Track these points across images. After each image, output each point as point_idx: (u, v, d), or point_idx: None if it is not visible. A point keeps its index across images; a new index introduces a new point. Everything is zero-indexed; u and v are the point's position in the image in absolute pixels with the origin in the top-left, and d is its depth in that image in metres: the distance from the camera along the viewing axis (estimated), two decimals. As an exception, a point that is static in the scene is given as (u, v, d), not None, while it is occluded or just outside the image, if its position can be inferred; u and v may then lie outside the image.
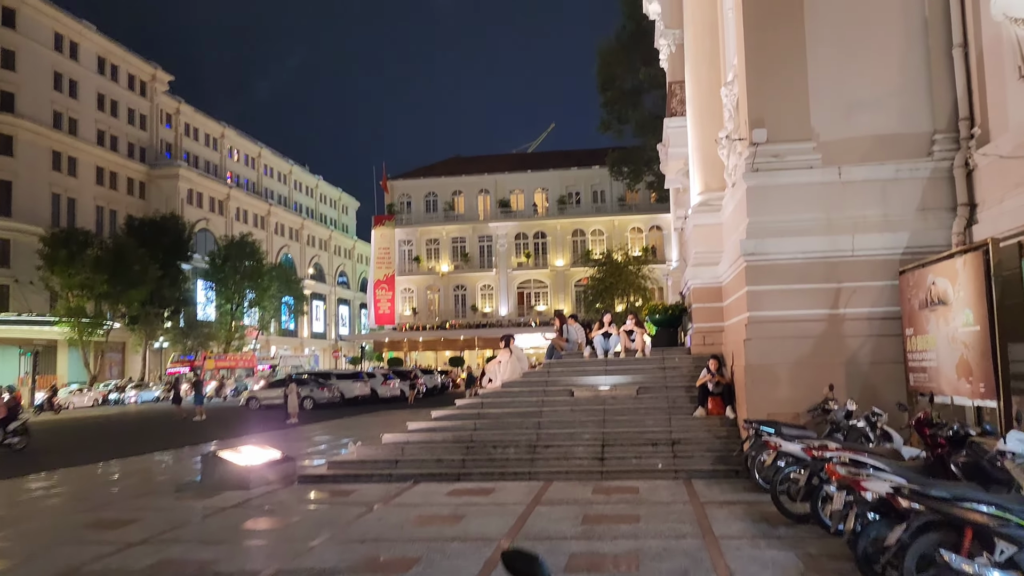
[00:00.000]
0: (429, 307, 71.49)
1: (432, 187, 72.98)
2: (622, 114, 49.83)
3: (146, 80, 71.73)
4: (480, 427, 12.84)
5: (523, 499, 9.96)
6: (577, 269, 69.13)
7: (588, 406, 13.07)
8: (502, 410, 13.38)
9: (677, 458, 11.45)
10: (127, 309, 54.48)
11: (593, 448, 11.86)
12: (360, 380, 38.12)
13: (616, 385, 13.52)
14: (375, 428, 22.13)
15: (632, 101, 49.11)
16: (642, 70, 46.11)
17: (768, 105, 11.38)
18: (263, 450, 12.46)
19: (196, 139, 79.51)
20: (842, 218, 11.05)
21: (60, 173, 60.11)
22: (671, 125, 18.77)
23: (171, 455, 17.37)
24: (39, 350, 55.49)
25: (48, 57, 59.56)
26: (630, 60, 47.24)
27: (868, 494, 5.73)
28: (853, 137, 11.29)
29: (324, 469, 12.22)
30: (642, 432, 12.16)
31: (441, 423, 13.22)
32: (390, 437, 12.79)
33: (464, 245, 71.55)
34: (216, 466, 11.36)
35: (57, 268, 49.92)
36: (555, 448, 11.97)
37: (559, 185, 72.33)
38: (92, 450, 18.66)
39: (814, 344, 10.92)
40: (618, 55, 48.12)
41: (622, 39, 48.12)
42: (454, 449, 12.23)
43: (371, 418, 27.29)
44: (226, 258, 63.33)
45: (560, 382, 14.01)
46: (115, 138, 67.03)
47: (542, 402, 13.38)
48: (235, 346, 65.67)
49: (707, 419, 12.29)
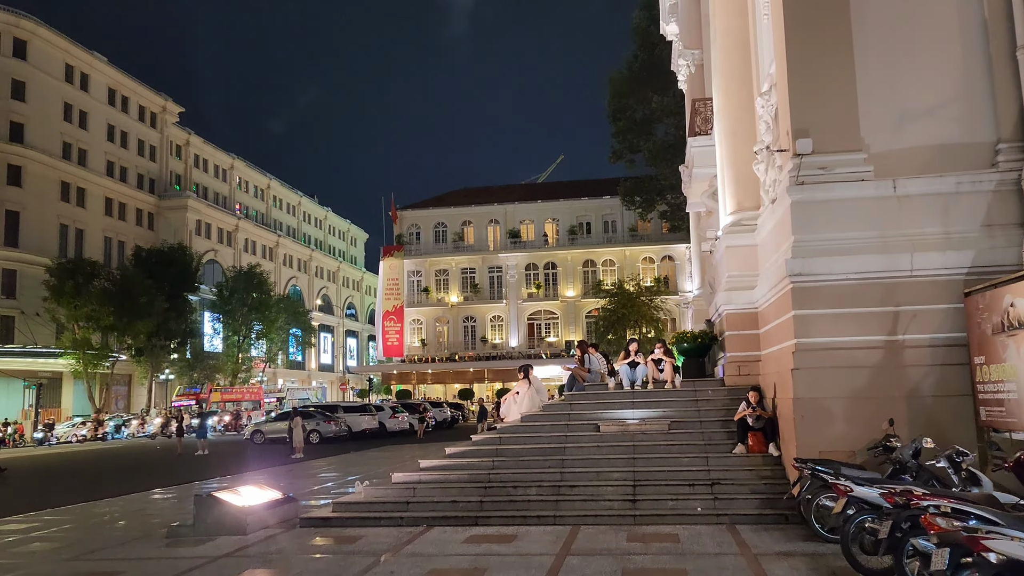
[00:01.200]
0: (438, 339, 70.50)
1: (441, 217, 72.42)
2: (633, 143, 49.30)
3: (156, 112, 71.80)
4: (499, 465, 11.78)
5: (550, 548, 8.87)
6: (588, 300, 68.21)
7: (616, 442, 12.00)
8: (522, 446, 12.32)
9: (718, 500, 10.34)
10: (133, 341, 53.64)
11: (623, 489, 10.77)
12: (368, 413, 37.03)
13: (645, 419, 12.45)
14: (383, 464, 21.05)
15: (644, 130, 48.60)
16: (654, 99, 45.64)
17: (813, 113, 10.46)
18: (262, 490, 11.41)
19: (205, 170, 79.43)
20: (898, 236, 10.06)
21: (69, 204, 59.80)
22: (695, 145, 17.90)
23: (167, 494, 16.31)
24: (44, 383, 54.73)
25: (58, 88, 59.59)
26: (642, 89, 46.85)
27: (992, 555, 4.66)
28: (907, 148, 10.35)
29: (329, 511, 11.15)
30: (677, 471, 11.07)
31: (456, 460, 12.17)
32: (400, 476, 11.73)
33: (474, 276, 70.75)
34: (210, 508, 10.30)
35: (63, 299, 49.22)
36: (581, 489, 10.88)
37: (570, 215, 71.68)
38: (83, 488, 17.62)
39: (870, 375, 9.87)
40: (629, 84, 47.72)
41: (633, 69, 47.77)
42: (470, 490, 11.16)
43: (379, 453, 26.18)
44: (233, 290, 62.62)
45: (584, 416, 12.95)
46: (124, 169, 66.87)
47: (565, 437, 12.31)
48: (242, 378, 64.65)
49: (748, 457, 11.19)
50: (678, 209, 49.88)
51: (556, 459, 11.73)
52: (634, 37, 47.14)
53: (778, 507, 10.08)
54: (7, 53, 55.45)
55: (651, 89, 45.99)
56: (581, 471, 11.36)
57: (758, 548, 8.51)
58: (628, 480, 10.98)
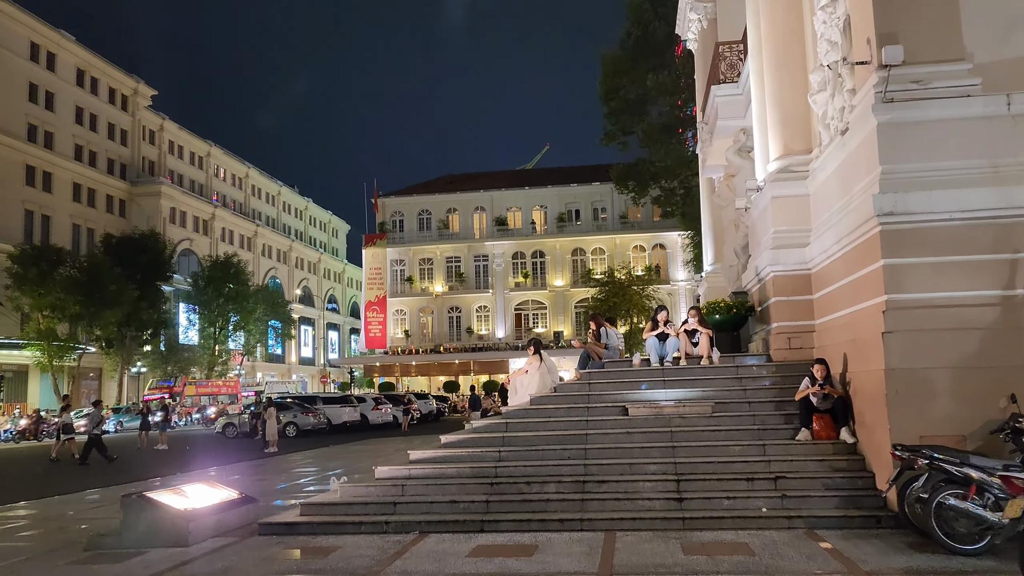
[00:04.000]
0: (422, 330, 68.15)
1: (425, 204, 70.03)
2: (627, 125, 47.30)
3: (128, 94, 68.74)
4: (507, 456, 9.60)
5: (585, 565, 6.72)
6: (578, 290, 66.17)
7: (649, 428, 9.85)
8: (534, 433, 10.13)
9: (786, 498, 8.23)
10: (102, 332, 50.90)
11: (665, 484, 8.64)
12: (349, 405, 34.69)
13: (683, 401, 10.31)
14: (366, 458, 18.83)
15: (638, 111, 46.58)
16: (649, 77, 43.57)
17: (902, 14, 8.36)
18: (214, 489, 9.18)
19: (181, 157, 76.39)
20: (1015, 165, 7.98)
21: (34, 189, 56.75)
22: (720, 94, 15.78)
23: (105, 494, 13.94)
24: (8, 375, 51.89)
25: (23, 67, 56.46)
26: (636, 68, 44.82)
27: None
28: (1021, 57, 8.29)
29: (295, 515, 8.91)
30: (728, 463, 8.95)
31: (454, 451, 9.96)
32: (386, 471, 9.51)
33: (459, 265, 68.44)
34: (142, 513, 8.03)
35: (26, 287, 46.44)
36: (612, 485, 8.73)
37: (558, 202, 69.53)
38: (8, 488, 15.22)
39: (983, 338, 7.79)
40: (623, 64, 45.69)
41: (627, 47, 45.78)
42: (473, 487, 8.98)
43: (361, 446, 23.94)
44: (209, 279, 59.96)
45: (607, 396, 10.78)
46: (94, 153, 63.82)
47: (587, 422, 10.14)
48: (218, 371, 61.97)
49: (815, 444, 9.09)
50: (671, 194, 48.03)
51: (577, 448, 9.57)
52: (628, 13, 45.14)
53: (864, 507, 8.00)
54: (-34, 29, 52.41)
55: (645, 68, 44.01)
56: (609, 462, 9.21)
57: (868, 564, 6.37)
58: (669, 473, 8.85)
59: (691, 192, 43.51)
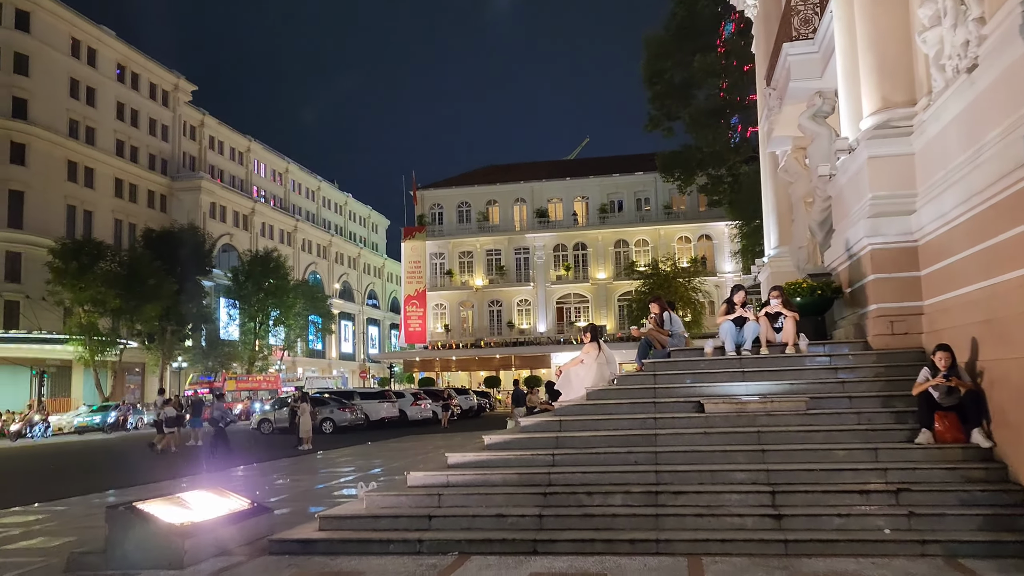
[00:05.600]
0: (462, 324, 66.96)
1: (465, 196, 68.72)
2: (672, 110, 45.43)
3: (168, 90, 68.77)
4: (561, 461, 8.13)
5: (671, 604, 5.23)
6: (620, 282, 64.35)
7: (730, 428, 8.30)
8: (593, 433, 8.65)
9: (913, 517, 6.62)
10: (143, 326, 50.72)
11: (757, 496, 7.09)
12: (387, 400, 33.58)
13: (769, 396, 8.73)
14: (404, 457, 17.58)
15: (683, 95, 44.69)
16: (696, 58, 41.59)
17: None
18: (221, 497, 7.87)
19: (221, 152, 76.41)
20: None
21: (76, 184, 56.91)
22: (793, 52, 14.05)
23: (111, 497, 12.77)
24: (52, 371, 52.05)
25: (64, 63, 56.60)
26: (681, 51, 42.94)
27: None
28: None
29: (313, 529, 7.56)
30: (835, 471, 7.35)
31: (499, 454, 8.52)
32: (420, 477, 8.11)
33: (499, 258, 67.06)
34: (130, 528, 6.76)
35: (67, 281, 46.39)
36: (692, 497, 7.22)
37: (600, 193, 67.69)
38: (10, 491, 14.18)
39: None
40: (667, 46, 43.85)
41: (671, 28, 43.93)
42: (523, 498, 7.54)
43: (399, 444, 22.72)
44: (249, 274, 59.55)
45: (677, 391, 9.26)
46: (135, 149, 63.91)
47: (655, 421, 8.62)
48: (259, 367, 61.60)
49: (939, 449, 7.45)
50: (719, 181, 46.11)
51: (646, 452, 8.06)
52: (674, -8, 43.31)
53: (1019, 528, 6.36)
54: (9, 25, 52.46)
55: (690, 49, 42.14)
56: (685, 469, 7.68)
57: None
58: (761, 484, 7.29)
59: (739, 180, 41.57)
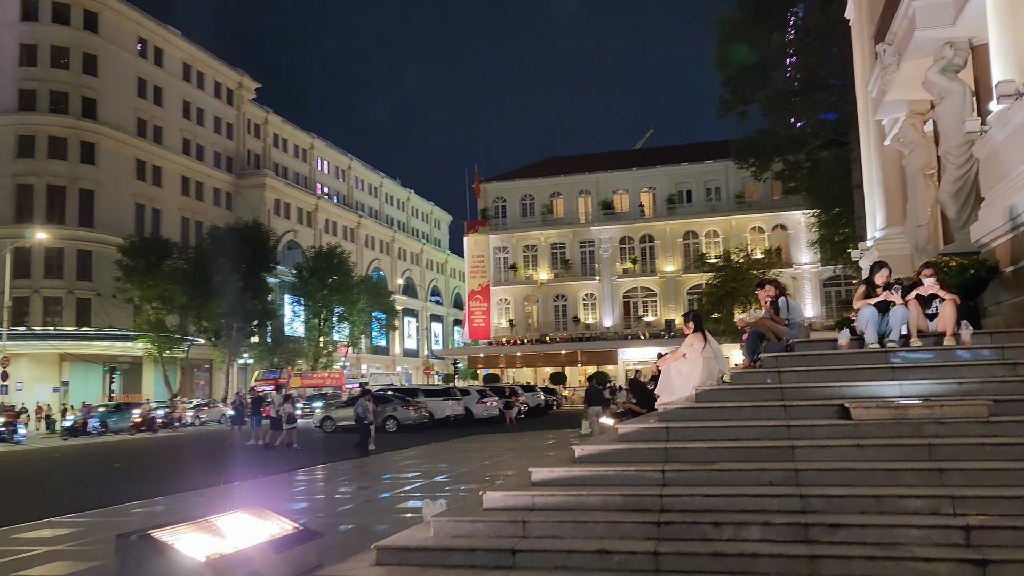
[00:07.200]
0: (527, 319, 65.49)
1: (528, 189, 67.18)
2: (746, 93, 42.96)
3: (232, 88, 69.25)
4: (674, 478, 6.51)
5: None
6: (690, 275, 61.89)
7: (888, 438, 6.54)
8: (710, 444, 7.00)
9: None
10: (209, 323, 50.97)
11: (945, 534, 5.35)
12: (452, 398, 32.38)
13: (932, 398, 6.95)
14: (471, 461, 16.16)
15: (758, 78, 42.20)
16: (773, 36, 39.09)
17: None
18: (260, 520, 6.50)
19: (285, 150, 76.76)
20: None
21: (144, 183, 57.65)
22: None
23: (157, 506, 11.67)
24: (124, 367, 52.79)
25: (132, 63, 57.32)
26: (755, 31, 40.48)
27: None
28: None
29: (370, 564, 6.11)
30: (1046, 498, 5.56)
31: (593, 469, 6.95)
32: (499, 498, 6.60)
33: (564, 251, 65.32)
34: (145, 562, 5.44)
35: (135, 279, 46.88)
36: (854, 532, 5.51)
37: (668, 183, 65.23)
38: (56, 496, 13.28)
39: None
40: (741, 26, 41.39)
41: (746, 7, 41.47)
42: (631, 527, 5.96)
43: (466, 445, 21.37)
44: (313, 270, 59.43)
45: (810, 392, 7.53)
46: (201, 147, 64.52)
47: (788, 429, 6.92)
48: (323, 363, 61.47)
49: None
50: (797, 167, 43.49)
51: (782, 470, 6.37)
52: (748, -31, 40.84)
53: None
54: (78, 26, 53.27)
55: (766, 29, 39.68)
56: (839, 492, 5.97)
57: None
58: (946, 514, 5.54)
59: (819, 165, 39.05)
